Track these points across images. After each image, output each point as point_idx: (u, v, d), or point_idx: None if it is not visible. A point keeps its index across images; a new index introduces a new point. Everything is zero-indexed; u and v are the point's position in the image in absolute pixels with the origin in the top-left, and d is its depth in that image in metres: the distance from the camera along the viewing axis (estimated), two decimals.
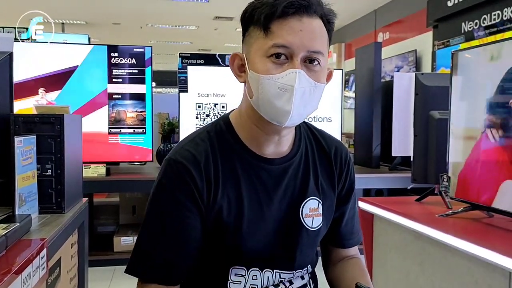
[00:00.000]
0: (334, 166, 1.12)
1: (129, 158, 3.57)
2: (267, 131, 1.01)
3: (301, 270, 1.09)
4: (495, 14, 4.66)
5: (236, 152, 1.02)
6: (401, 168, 3.61)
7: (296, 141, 1.09)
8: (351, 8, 8.35)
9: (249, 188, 1.01)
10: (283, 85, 0.92)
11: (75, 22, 9.60)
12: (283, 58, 0.92)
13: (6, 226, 1.21)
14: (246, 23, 0.98)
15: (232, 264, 1.02)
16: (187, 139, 1.05)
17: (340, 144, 1.17)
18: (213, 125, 1.07)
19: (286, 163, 1.05)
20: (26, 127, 1.56)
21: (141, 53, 3.54)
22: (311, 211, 1.07)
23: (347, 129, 5.32)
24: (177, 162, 0.98)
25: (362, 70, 4.00)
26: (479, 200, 1.66)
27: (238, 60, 1.00)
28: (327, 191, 1.11)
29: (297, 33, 0.92)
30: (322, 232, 1.11)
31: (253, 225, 1.01)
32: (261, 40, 0.94)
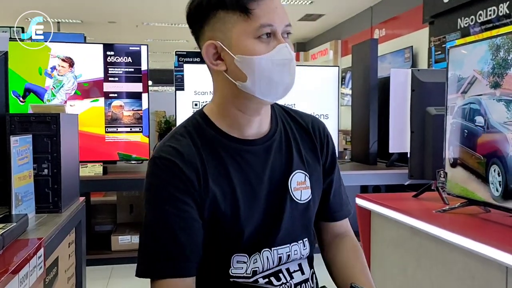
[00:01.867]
0: (315, 139, 1.15)
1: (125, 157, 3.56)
2: (251, 113, 1.04)
3: (297, 243, 1.09)
4: (491, 10, 4.67)
5: (217, 141, 1.04)
6: (398, 165, 3.61)
7: (273, 120, 1.12)
8: (348, 5, 8.35)
9: (238, 171, 1.03)
10: (280, 60, 0.97)
11: (70, 21, 9.57)
12: (268, 36, 0.96)
13: (3, 226, 1.21)
14: (211, 9, 0.97)
15: (234, 251, 1.03)
16: (166, 138, 1.06)
17: (316, 118, 1.20)
18: (189, 120, 1.08)
19: (269, 141, 1.08)
20: (22, 126, 1.56)
21: (137, 51, 3.53)
22: (299, 184, 1.09)
23: (344, 126, 5.32)
24: (162, 159, 0.99)
25: (358, 67, 4.00)
26: None
27: (211, 49, 1.00)
28: (313, 164, 1.13)
29: (274, 10, 0.96)
30: (312, 205, 1.12)
31: (249, 207, 1.02)
32: (243, 23, 0.95)
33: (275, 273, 1.07)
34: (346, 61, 8.85)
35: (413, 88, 2.12)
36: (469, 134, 1.71)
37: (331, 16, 9.31)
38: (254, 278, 1.04)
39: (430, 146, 2.04)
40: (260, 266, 1.04)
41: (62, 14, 8.87)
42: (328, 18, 9.43)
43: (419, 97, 2.09)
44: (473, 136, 1.68)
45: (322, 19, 9.55)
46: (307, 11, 8.91)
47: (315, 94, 3.75)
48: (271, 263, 1.06)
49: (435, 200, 1.95)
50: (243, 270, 1.03)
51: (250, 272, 1.04)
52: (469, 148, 1.71)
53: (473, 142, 1.69)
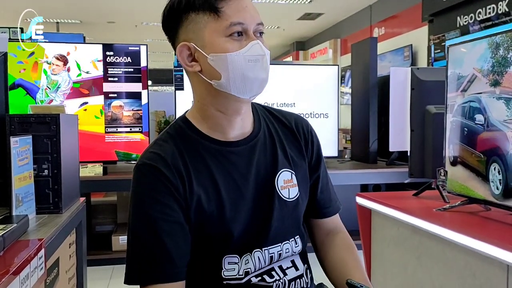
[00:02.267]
0: (299, 137, 1.16)
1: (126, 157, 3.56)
2: (230, 113, 1.04)
3: (288, 241, 1.10)
4: (490, 8, 4.66)
5: (201, 144, 1.04)
6: (398, 163, 3.62)
7: (256, 120, 1.12)
8: (347, 4, 8.35)
9: (223, 173, 1.03)
10: (253, 57, 0.98)
11: (69, 22, 9.56)
12: (239, 35, 0.98)
13: (4, 227, 1.21)
14: (182, 11, 0.99)
15: (225, 253, 1.03)
16: (150, 145, 1.06)
17: (299, 116, 1.21)
18: (172, 126, 1.09)
19: (252, 141, 1.09)
20: (22, 127, 1.56)
21: (136, 51, 3.53)
22: (286, 183, 1.10)
23: (344, 125, 5.32)
24: (145, 165, 0.99)
25: (358, 65, 4.00)
26: None
27: (185, 51, 1.01)
28: (298, 162, 1.14)
29: (245, 9, 0.98)
30: (301, 203, 1.13)
31: (235, 207, 1.03)
32: (213, 22, 0.97)
33: (267, 271, 1.07)
34: (345, 60, 8.85)
35: (412, 86, 2.12)
36: (469, 132, 1.71)
37: (330, 15, 9.30)
38: (246, 278, 1.04)
39: (430, 145, 2.04)
40: (252, 267, 1.04)
41: (61, 15, 8.86)
42: (327, 17, 9.43)
43: (419, 95, 2.09)
44: (473, 134, 1.68)
45: (321, 18, 9.55)
46: (306, 10, 8.91)
47: (315, 93, 3.75)
48: (263, 263, 1.06)
49: (435, 199, 1.95)
50: (235, 272, 1.03)
51: (243, 273, 1.04)
52: (469, 146, 1.71)
53: (473, 140, 1.69)
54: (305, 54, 11.95)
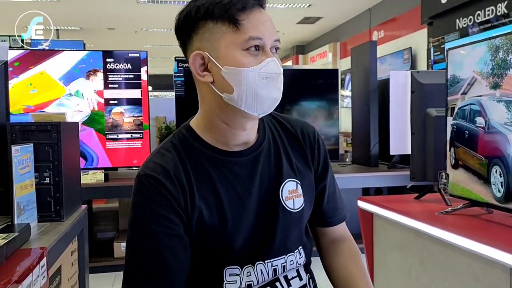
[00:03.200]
0: (305, 145, 1.13)
1: (127, 163, 3.56)
2: (236, 127, 1.02)
3: (293, 253, 1.09)
4: (489, 10, 4.67)
5: (203, 154, 1.03)
6: (399, 166, 3.61)
7: (260, 129, 1.10)
8: (346, 7, 8.37)
9: (225, 185, 1.01)
10: (268, 74, 0.96)
11: (69, 28, 9.59)
12: (256, 50, 0.96)
13: (6, 236, 1.21)
14: (200, 19, 0.96)
15: (225, 264, 1.02)
16: (153, 153, 1.05)
17: (306, 124, 1.18)
18: (176, 135, 1.07)
19: (256, 151, 1.06)
20: (23, 135, 1.56)
21: (136, 57, 3.53)
22: (291, 193, 1.07)
23: (345, 128, 5.32)
24: (147, 177, 0.98)
25: (358, 69, 4.00)
26: None
27: (199, 60, 0.98)
28: (304, 171, 1.12)
29: (264, 24, 0.96)
30: (306, 212, 1.11)
31: (237, 220, 1.01)
32: (231, 34, 0.94)
33: (271, 282, 1.06)
34: (345, 63, 8.86)
35: (413, 90, 2.12)
36: (469, 135, 1.71)
37: (330, 19, 9.33)
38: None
39: (431, 148, 2.04)
40: (255, 279, 1.03)
41: (61, 21, 8.89)
42: (326, 20, 9.45)
43: (419, 98, 2.09)
44: (474, 137, 1.68)
45: (321, 22, 9.57)
46: (305, 14, 8.93)
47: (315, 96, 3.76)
48: (266, 276, 1.04)
49: (437, 202, 1.95)
50: (237, 284, 1.02)
51: (245, 286, 1.02)
52: (470, 149, 1.70)
53: (474, 143, 1.69)
54: (304, 58, 11.97)
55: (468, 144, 1.72)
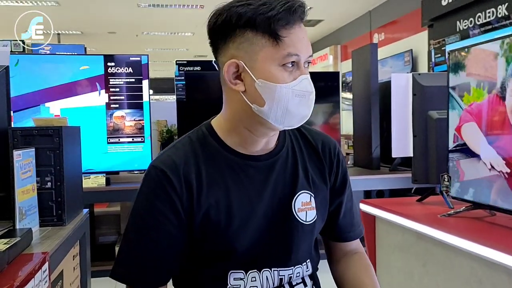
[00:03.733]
0: (324, 159, 1.13)
1: (128, 167, 3.56)
2: (259, 134, 1.02)
3: (300, 265, 1.08)
4: (490, 12, 4.67)
5: (220, 153, 1.03)
6: (401, 169, 3.60)
7: (281, 136, 1.10)
8: (346, 10, 8.37)
9: (238, 186, 1.01)
10: (301, 92, 0.96)
11: (70, 33, 9.61)
12: (292, 65, 0.95)
13: (7, 241, 1.20)
14: (240, 27, 0.94)
15: (229, 267, 1.02)
16: (170, 145, 1.06)
17: (327, 137, 1.17)
18: (195, 131, 1.08)
19: (273, 158, 1.06)
20: (25, 140, 1.56)
21: (137, 61, 3.54)
22: (304, 205, 1.07)
23: (346, 130, 5.32)
24: (157, 169, 0.99)
25: (359, 71, 4.00)
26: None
27: (233, 68, 0.97)
28: (319, 185, 1.11)
29: (301, 40, 0.95)
30: (317, 226, 1.10)
31: (245, 222, 1.00)
32: (271, 48, 0.93)
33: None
34: (346, 66, 8.86)
35: (414, 92, 2.11)
36: None
37: (330, 22, 9.33)
38: None
39: (433, 150, 2.04)
40: (259, 285, 1.03)
41: (62, 26, 8.91)
42: (327, 23, 9.45)
43: (421, 101, 2.09)
44: None
45: (321, 25, 9.57)
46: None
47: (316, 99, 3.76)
48: (271, 284, 1.04)
49: (439, 204, 1.94)
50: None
51: None
52: None
53: None
54: None
55: None
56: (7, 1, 7.31)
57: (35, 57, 3.89)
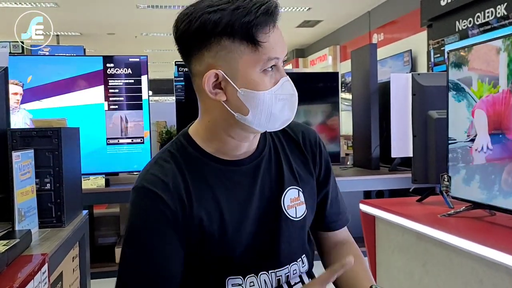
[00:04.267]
0: (305, 151, 1.12)
1: (128, 168, 3.55)
2: (241, 139, 1.00)
3: (296, 262, 1.08)
4: (489, 12, 4.67)
5: (203, 163, 1.00)
6: (401, 169, 3.60)
7: (261, 135, 1.08)
8: (345, 11, 8.38)
9: (226, 193, 1.00)
10: (284, 95, 0.94)
11: (69, 34, 9.61)
12: (272, 69, 0.93)
13: (7, 243, 1.20)
14: (215, 35, 0.90)
15: (227, 274, 1.01)
16: (150, 163, 1.02)
17: (307, 128, 1.16)
18: (174, 143, 1.05)
19: (257, 159, 1.05)
20: (24, 141, 1.56)
21: (136, 62, 3.53)
22: (293, 201, 1.06)
23: (345, 131, 5.31)
24: (145, 189, 0.95)
25: (358, 72, 4.00)
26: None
27: (212, 79, 0.92)
28: (305, 178, 1.10)
29: (279, 42, 0.93)
30: (308, 220, 1.10)
31: (238, 228, 0.99)
32: (250, 54, 0.90)
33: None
34: (345, 66, 8.86)
35: (414, 92, 2.11)
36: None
37: (329, 22, 9.34)
38: None
39: (433, 150, 2.03)
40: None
41: (61, 27, 8.91)
42: (326, 24, 9.46)
43: (420, 101, 2.08)
44: None
45: (320, 25, 9.58)
46: (305, 17, 8.94)
47: (315, 99, 3.76)
48: (270, 286, 1.03)
49: (439, 204, 1.94)
50: None
51: None
52: None
53: None
54: (304, 61, 11.98)
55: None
56: (6, 3, 7.31)
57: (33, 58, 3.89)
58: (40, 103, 3.31)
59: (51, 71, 3.36)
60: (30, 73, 3.29)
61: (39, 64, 3.43)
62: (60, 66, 3.42)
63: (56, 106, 3.34)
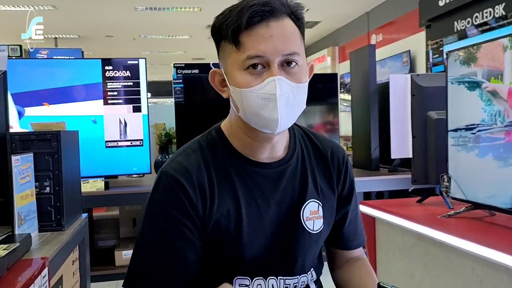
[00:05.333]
0: (332, 168, 1.12)
1: (127, 171, 3.55)
2: (260, 139, 1.01)
3: (306, 274, 1.08)
4: (487, 12, 4.68)
5: (229, 160, 1.02)
6: (400, 170, 3.60)
7: (291, 144, 1.08)
8: (344, 11, 8.39)
9: (246, 194, 1.00)
10: (266, 95, 0.92)
11: (68, 37, 9.61)
12: (260, 68, 0.92)
13: (6, 247, 1.20)
14: (217, 39, 0.98)
15: (235, 274, 1.01)
16: (179, 151, 1.04)
17: (337, 145, 1.16)
18: (205, 136, 1.07)
19: (282, 166, 1.05)
20: (23, 145, 1.56)
21: (135, 65, 3.53)
22: (312, 214, 1.06)
23: (345, 132, 5.31)
24: (168, 176, 0.97)
25: (357, 73, 4.00)
26: None
27: (218, 76, 1.00)
28: (327, 194, 1.10)
29: (268, 40, 0.91)
30: (323, 235, 1.10)
31: (253, 231, 1.00)
32: (234, 54, 0.93)
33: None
34: (344, 67, 8.87)
35: (413, 93, 2.11)
36: None
37: (328, 23, 9.34)
38: None
39: (432, 151, 2.03)
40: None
41: (59, 30, 8.91)
42: (324, 25, 9.46)
43: (420, 101, 2.09)
44: None
45: (319, 26, 9.58)
46: None
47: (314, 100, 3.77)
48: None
49: (439, 205, 1.94)
50: None
51: None
52: None
53: None
54: None
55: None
56: (4, 6, 7.30)
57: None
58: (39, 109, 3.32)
59: (49, 76, 3.36)
60: (29, 77, 3.29)
61: (38, 67, 3.43)
62: (58, 71, 3.41)
63: (53, 114, 3.34)
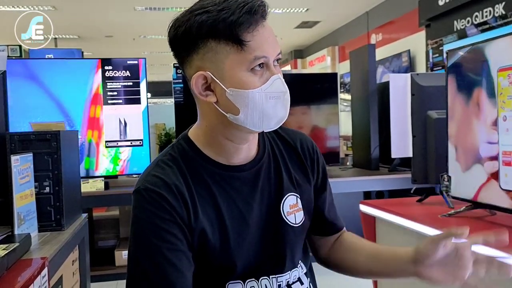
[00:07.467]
0: (304, 158, 1.12)
1: (127, 171, 3.55)
2: (239, 141, 1.00)
3: (296, 268, 1.07)
4: (487, 11, 4.68)
5: (204, 168, 1.00)
6: (400, 169, 3.60)
7: (260, 142, 1.08)
8: (343, 11, 8.39)
9: (227, 200, 0.99)
10: (275, 93, 0.92)
11: (67, 37, 9.61)
12: (261, 67, 0.93)
13: (6, 247, 1.20)
14: (201, 38, 0.91)
15: (227, 280, 1.00)
16: (151, 166, 1.00)
17: (304, 135, 1.16)
18: (174, 146, 1.03)
19: (257, 165, 1.04)
20: (22, 145, 1.55)
21: (135, 65, 3.53)
22: (292, 208, 1.06)
23: (345, 131, 5.32)
24: (148, 191, 0.93)
25: (357, 72, 4.00)
26: None
27: (201, 80, 0.94)
28: (303, 185, 1.10)
29: (268, 40, 0.92)
30: (306, 226, 1.10)
31: (240, 236, 0.99)
32: (236, 54, 0.90)
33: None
34: (343, 67, 8.88)
35: (413, 92, 2.11)
36: None
37: (327, 23, 9.35)
38: None
39: (432, 150, 2.03)
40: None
41: (59, 30, 8.90)
42: (324, 24, 9.47)
43: (420, 101, 2.08)
44: None
45: (319, 26, 9.59)
46: (303, 18, 8.95)
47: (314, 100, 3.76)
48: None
49: (439, 204, 1.94)
50: None
51: None
52: None
53: None
54: (303, 62, 11.99)
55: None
56: (3, 6, 7.30)
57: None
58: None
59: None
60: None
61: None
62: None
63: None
